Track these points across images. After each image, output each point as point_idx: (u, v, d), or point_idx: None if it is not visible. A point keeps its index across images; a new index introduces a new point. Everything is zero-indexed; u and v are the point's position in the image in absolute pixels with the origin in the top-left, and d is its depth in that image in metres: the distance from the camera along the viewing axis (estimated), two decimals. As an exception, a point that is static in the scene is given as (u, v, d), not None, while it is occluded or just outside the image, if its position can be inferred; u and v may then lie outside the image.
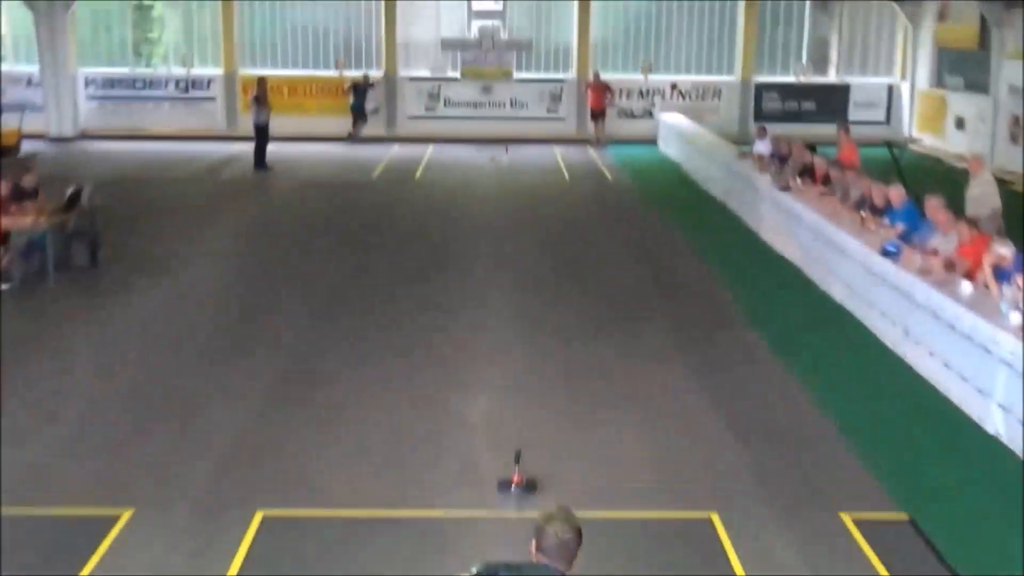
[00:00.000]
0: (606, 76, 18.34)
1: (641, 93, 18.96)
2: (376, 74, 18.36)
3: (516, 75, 18.60)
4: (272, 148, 15.19)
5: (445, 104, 18.82)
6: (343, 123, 18.07)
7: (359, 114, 17.98)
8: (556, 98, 18.96)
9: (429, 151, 16.72)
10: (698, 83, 18.69)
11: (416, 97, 18.78)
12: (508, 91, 18.79)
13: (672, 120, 17.14)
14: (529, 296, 7.92)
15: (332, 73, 18.56)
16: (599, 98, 17.99)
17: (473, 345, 6.73)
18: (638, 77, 18.81)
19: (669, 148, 16.64)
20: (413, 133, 18.26)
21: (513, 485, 4.91)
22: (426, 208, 11.96)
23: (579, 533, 2.42)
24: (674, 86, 18.89)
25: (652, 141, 17.70)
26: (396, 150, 16.89)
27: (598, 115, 17.99)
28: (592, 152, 17.13)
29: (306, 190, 13.08)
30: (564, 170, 15.06)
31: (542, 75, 18.89)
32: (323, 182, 13.75)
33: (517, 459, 4.92)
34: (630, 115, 18.96)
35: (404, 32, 18.39)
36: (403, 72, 18.62)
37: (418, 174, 14.50)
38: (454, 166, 15.38)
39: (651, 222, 11.35)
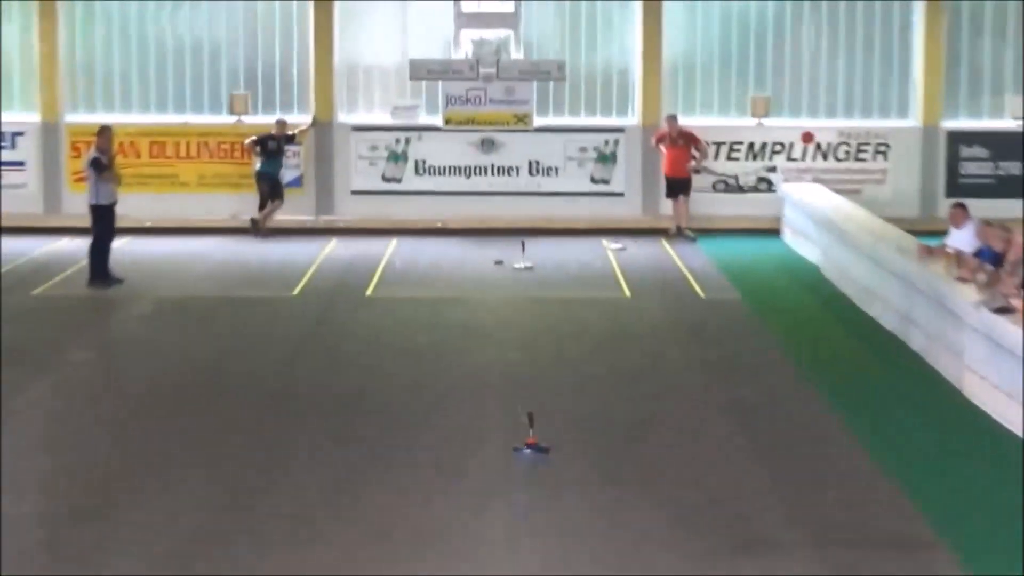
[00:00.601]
0: (691, 121, 16.59)
1: (752, 150, 16.99)
2: (300, 121, 16.78)
3: (538, 121, 16.83)
4: (121, 245, 13.99)
5: (417, 170, 16.98)
6: (244, 203, 16.43)
7: (271, 187, 16.26)
8: (607, 159, 16.91)
9: (390, 249, 15.27)
10: (851, 131, 16.99)
11: (368, 159, 16.98)
12: (525, 148, 16.91)
13: (806, 195, 15.56)
14: (569, 536, 6.43)
15: (225, 120, 16.96)
16: (680, 158, 16.24)
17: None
18: (747, 123, 17.09)
19: (801, 242, 15.10)
20: (363, 219, 16.64)
21: (526, 446, 7.31)
22: (383, 351, 10.27)
23: None
24: (809, 138, 16.97)
25: (772, 230, 16.15)
26: (334, 248, 15.36)
27: (679, 186, 16.26)
28: (669, 248, 15.35)
29: (176, 319, 11.72)
30: (622, 281, 13.42)
31: (583, 121, 17.19)
32: (207, 304, 12.25)
33: (531, 422, 7.41)
34: (734, 187, 16.95)
35: (347, 52, 16.99)
36: (344, 117, 17.10)
37: (370, 289, 12.95)
38: (433, 276, 13.84)
39: (777, 378, 9.52)
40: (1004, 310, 8.46)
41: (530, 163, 17.19)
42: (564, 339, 10.93)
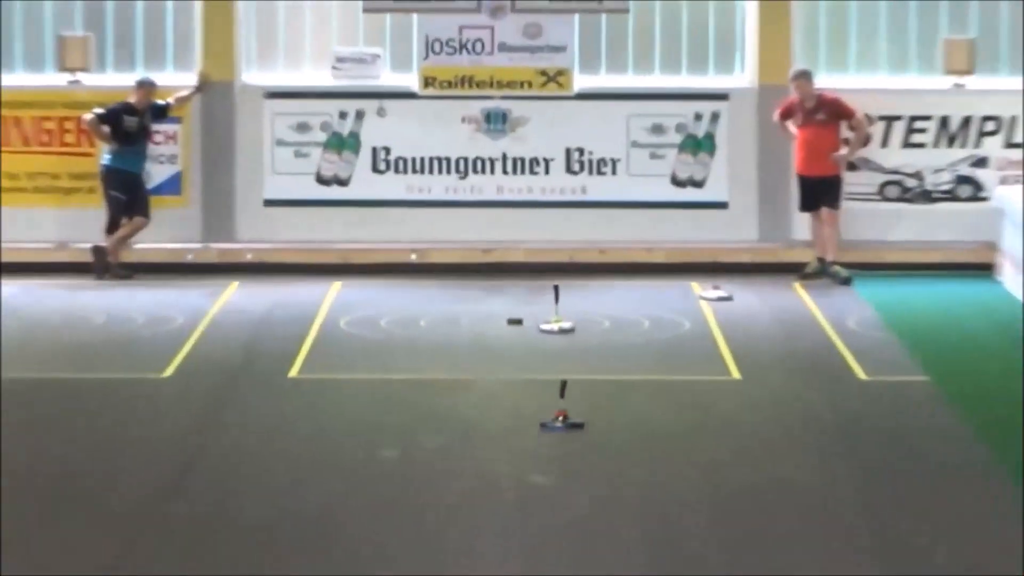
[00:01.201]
0: (839, 83, 15.80)
1: (947, 130, 15.88)
2: (178, 84, 16.08)
3: (582, 82, 15.94)
4: None
5: (376, 164, 15.87)
6: (82, 221, 15.76)
7: (128, 195, 15.53)
8: (699, 145, 15.90)
9: (331, 297, 14.65)
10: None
11: (292, 146, 15.99)
12: (561, 127, 16.00)
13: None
14: None
15: (52, 81, 16.20)
16: (822, 144, 15.33)
17: None
18: (936, 83, 16.12)
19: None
20: (284, 248, 15.97)
21: (557, 420, 9.39)
22: (317, 474, 10.14)
23: None
24: (1041, 111, 16.98)
25: (982, 265, 15.69)
26: (235, 296, 14.92)
27: (821, 191, 15.36)
28: (806, 297, 14.82)
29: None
30: (726, 353, 12.83)
31: (659, 82, 16.19)
32: (15, 395, 11.77)
33: (562, 391, 9.48)
34: (917, 192, 16.01)
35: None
36: (253, 76, 16.28)
37: (296, 367, 12.32)
38: (404, 344, 13.56)
39: (1005, 537, 9.13)
40: None
41: (568, 153, 16.10)
42: (623, 454, 10.52)
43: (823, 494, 9.74)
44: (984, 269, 15.42)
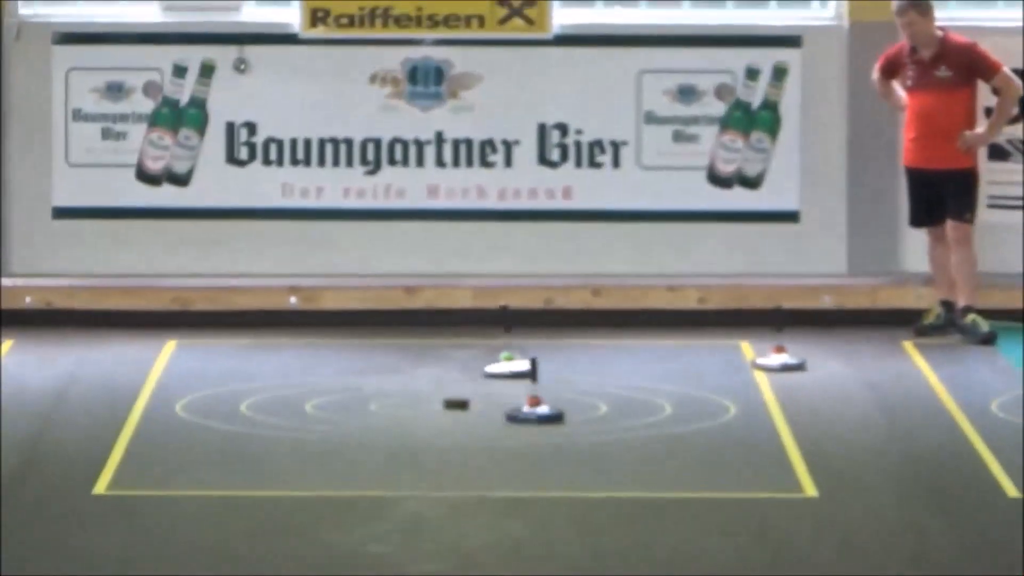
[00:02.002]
0: (970, 17, 15.50)
1: None
2: None
3: (569, 17, 15.10)
4: None
5: (234, 152, 15.15)
6: None
7: None
8: (754, 120, 15.15)
9: (160, 365, 14.20)
10: None
11: (97, 119, 15.14)
12: (532, 90, 15.22)
13: None
14: None
15: None
16: (951, 116, 14.61)
17: None
18: None
19: None
20: (80, 285, 15.04)
21: (527, 408, 10.77)
22: None
23: None
24: None
25: None
26: (6, 363, 14.46)
27: (944, 193, 14.71)
28: (923, 364, 14.13)
29: None
30: (795, 455, 12.12)
31: (684, 19, 15.41)
32: None
33: (534, 373, 11.90)
34: None
35: None
36: (30, 9, 15.46)
37: (105, 479, 11.58)
38: (279, 440, 12.71)
39: None
40: None
41: (543, 132, 15.20)
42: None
43: None
44: None
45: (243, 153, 15.18)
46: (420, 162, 15.15)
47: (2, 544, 9.54)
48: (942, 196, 14.34)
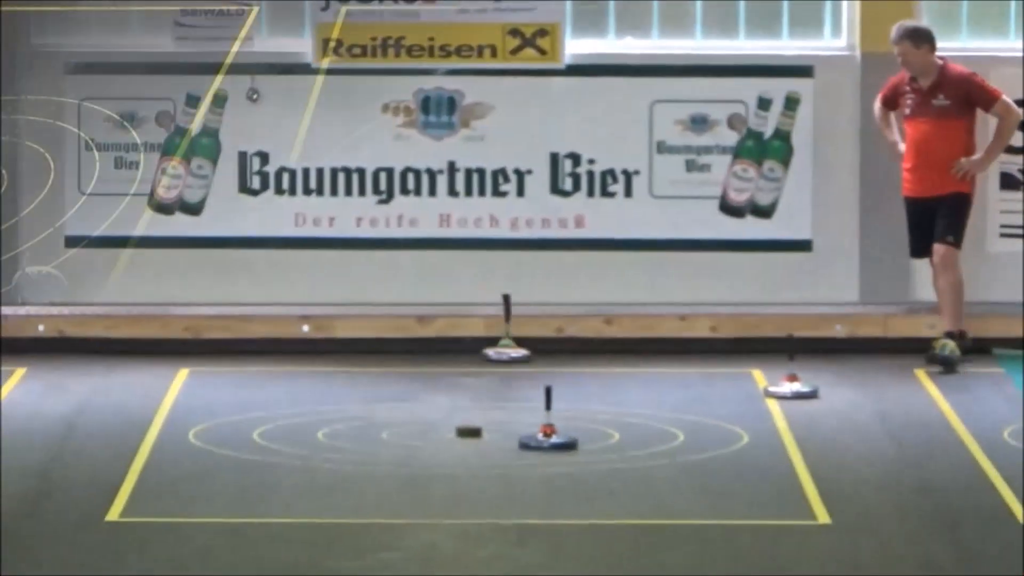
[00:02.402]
0: (980, 47, 15.67)
1: None
2: None
3: (579, 48, 15.13)
4: None
5: (247, 180, 15.07)
6: None
7: None
8: (766, 150, 15.08)
9: (173, 393, 14.03)
10: None
11: (109, 150, 14.95)
12: (545, 121, 15.11)
13: None
14: None
15: None
16: (948, 145, 14.49)
17: None
18: None
19: None
20: (92, 313, 15.04)
21: (540, 436, 10.80)
22: None
23: None
24: None
25: None
26: (18, 388, 14.53)
27: (934, 219, 14.88)
28: (936, 393, 14.22)
29: None
30: (809, 484, 12.03)
31: (696, 49, 15.40)
32: None
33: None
34: None
35: None
36: (42, 39, 15.47)
37: (118, 507, 11.47)
38: (292, 467, 12.53)
39: None
40: None
41: (555, 162, 15.15)
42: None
43: None
44: None
45: (255, 183, 15.28)
46: (432, 191, 15.21)
47: (17, 570, 9.59)
48: (933, 220, 14.44)
